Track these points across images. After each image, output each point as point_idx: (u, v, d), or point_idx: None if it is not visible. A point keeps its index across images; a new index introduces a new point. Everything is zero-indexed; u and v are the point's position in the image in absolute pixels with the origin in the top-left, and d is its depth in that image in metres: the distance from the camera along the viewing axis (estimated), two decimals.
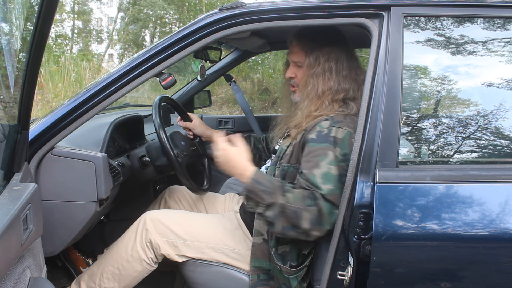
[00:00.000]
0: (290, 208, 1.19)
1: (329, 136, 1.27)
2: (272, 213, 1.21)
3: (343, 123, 1.30)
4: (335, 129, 1.28)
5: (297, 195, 1.22)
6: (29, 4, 1.03)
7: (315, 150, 1.27)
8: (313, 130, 1.31)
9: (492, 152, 1.21)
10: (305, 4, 1.24)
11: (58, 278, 1.73)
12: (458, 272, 1.12)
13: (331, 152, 1.25)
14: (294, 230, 1.21)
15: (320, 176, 1.22)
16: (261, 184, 1.23)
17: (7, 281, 0.85)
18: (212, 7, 11.49)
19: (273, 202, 1.20)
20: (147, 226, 1.43)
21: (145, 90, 6.99)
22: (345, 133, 1.27)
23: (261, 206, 1.22)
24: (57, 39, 12.08)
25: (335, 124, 1.29)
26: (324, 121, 1.31)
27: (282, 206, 1.19)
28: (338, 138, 1.27)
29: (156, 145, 1.68)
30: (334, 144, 1.26)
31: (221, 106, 8.30)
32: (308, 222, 1.19)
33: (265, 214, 1.22)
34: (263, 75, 9.17)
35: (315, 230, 1.20)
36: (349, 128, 1.28)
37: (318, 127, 1.31)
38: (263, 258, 1.36)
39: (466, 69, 1.26)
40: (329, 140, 1.26)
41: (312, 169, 1.24)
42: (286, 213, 1.19)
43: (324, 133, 1.28)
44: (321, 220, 1.19)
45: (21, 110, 0.98)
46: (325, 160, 1.24)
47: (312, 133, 1.31)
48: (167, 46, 1.27)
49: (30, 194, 0.95)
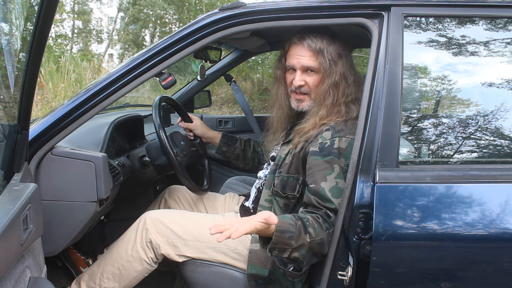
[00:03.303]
0: (315, 242, 1.18)
1: (333, 148, 1.26)
2: (299, 253, 1.17)
3: (344, 131, 1.29)
4: (338, 139, 1.27)
5: (316, 226, 1.19)
6: (29, 4, 1.03)
7: (320, 164, 1.26)
8: (315, 142, 1.30)
9: (492, 152, 1.21)
10: (305, 4, 1.24)
11: (58, 278, 1.73)
12: (458, 272, 1.12)
13: (337, 165, 1.24)
14: (317, 257, 1.22)
15: (329, 190, 1.22)
16: (286, 232, 1.14)
17: (7, 281, 0.85)
18: (212, 7, 11.49)
19: (301, 244, 1.16)
20: (147, 226, 1.43)
21: (145, 90, 6.99)
22: (348, 142, 1.27)
23: (287, 252, 1.16)
24: (57, 39, 12.08)
25: (337, 134, 1.28)
26: (326, 132, 1.30)
27: (309, 244, 1.17)
28: (342, 148, 1.26)
29: (156, 145, 1.68)
30: (338, 156, 1.25)
31: (221, 106, 8.30)
32: (328, 243, 1.20)
33: (293, 256, 1.17)
34: (263, 75, 9.17)
35: None
36: (351, 136, 1.27)
37: (320, 138, 1.30)
38: (260, 265, 1.35)
39: (466, 69, 1.26)
40: (333, 153, 1.26)
41: (320, 183, 1.23)
42: (312, 248, 1.18)
43: (327, 145, 1.27)
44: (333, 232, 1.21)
45: (21, 110, 0.98)
46: (331, 174, 1.24)
47: (314, 145, 1.29)
48: (167, 46, 1.27)
49: (30, 194, 0.95)
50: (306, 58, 1.37)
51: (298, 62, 1.38)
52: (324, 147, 1.27)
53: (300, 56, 1.38)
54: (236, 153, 1.82)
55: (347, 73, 1.37)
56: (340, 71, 1.36)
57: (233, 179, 2.14)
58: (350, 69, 1.39)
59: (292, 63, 1.40)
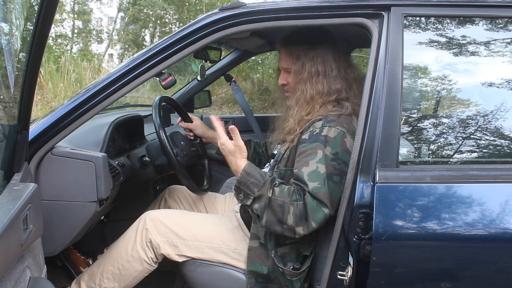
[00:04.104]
0: (276, 201, 1.21)
1: (320, 135, 1.28)
2: (258, 205, 1.23)
3: (335, 122, 1.30)
4: (327, 128, 1.29)
5: (284, 189, 1.24)
6: (29, 4, 1.03)
7: (306, 150, 1.28)
8: (307, 131, 1.33)
9: (492, 152, 1.21)
10: (305, 4, 1.24)
11: (58, 278, 1.73)
12: (458, 272, 1.12)
13: (321, 150, 1.25)
14: (279, 225, 1.23)
15: (307, 173, 1.23)
16: (251, 177, 1.25)
17: (7, 281, 0.85)
18: (212, 7, 11.49)
19: (261, 194, 1.22)
20: (147, 225, 1.43)
21: (145, 90, 7.00)
22: (337, 132, 1.28)
23: (249, 198, 1.24)
24: (57, 39, 12.09)
25: (328, 123, 1.30)
26: (318, 122, 1.33)
27: (269, 198, 1.22)
28: (330, 137, 1.27)
29: (156, 144, 1.68)
30: (324, 143, 1.26)
31: (221, 106, 8.30)
32: (293, 217, 1.20)
33: (253, 206, 1.25)
34: (263, 75, 9.18)
35: (299, 226, 1.21)
36: (341, 128, 1.29)
37: (311, 127, 1.32)
38: (259, 262, 1.36)
39: (466, 69, 1.25)
40: (320, 139, 1.27)
41: (301, 168, 1.25)
42: (272, 206, 1.21)
43: (316, 133, 1.29)
44: (306, 215, 1.20)
45: (21, 110, 0.98)
46: (314, 159, 1.25)
47: (305, 134, 1.32)
48: (167, 46, 1.27)
49: (30, 194, 0.95)
50: (282, 59, 1.44)
51: (279, 62, 1.47)
52: (312, 135, 1.30)
53: (280, 58, 1.46)
54: None
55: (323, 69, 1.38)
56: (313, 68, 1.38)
57: (233, 179, 2.14)
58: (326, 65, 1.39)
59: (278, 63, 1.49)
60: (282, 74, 1.46)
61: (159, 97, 1.66)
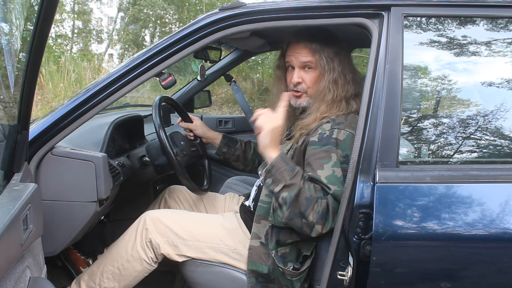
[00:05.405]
0: (304, 193, 1.19)
1: (331, 138, 1.27)
2: (288, 194, 1.19)
3: (344, 124, 1.30)
4: (337, 130, 1.28)
5: (311, 185, 1.22)
6: (29, 4, 1.03)
7: (318, 153, 1.26)
8: (315, 133, 1.31)
9: (492, 152, 1.21)
10: (305, 4, 1.23)
11: (58, 278, 1.73)
12: (458, 272, 1.12)
13: (334, 154, 1.25)
14: (300, 218, 1.20)
15: (325, 177, 1.22)
16: (286, 163, 1.23)
17: (7, 281, 0.85)
18: (212, 7, 11.49)
19: (293, 183, 1.20)
20: (147, 225, 1.43)
21: (145, 90, 7.00)
22: (346, 135, 1.28)
23: (279, 185, 1.21)
24: (57, 39, 12.08)
25: (337, 125, 1.30)
26: (326, 124, 1.32)
27: (299, 189, 1.19)
28: (340, 140, 1.27)
29: (156, 144, 1.68)
30: (336, 146, 1.26)
31: (221, 106, 8.31)
32: (316, 214, 1.19)
33: (281, 194, 1.21)
34: (263, 75, 9.18)
35: (319, 224, 1.19)
36: (350, 129, 1.29)
37: (320, 129, 1.31)
38: (259, 261, 1.36)
39: (466, 69, 1.25)
40: (331, 142, 1.27)
41: (317, 171, 1.24)
42: (300, 198, 1.19)
43: (326, 135, 1.28)
44: (327, 215, 1.20)
45: (21, 110, 0.98)
46: (329, 162, 1.24)
47: (314, 136, 1.31)
48: (167, 46, 1.27)
49: (30, 194, 0.95)
50: (303, 54, 1.39)
51: (296, 58, 1.41)
52: (323, 137, 1.28)
53: (297, 53, 1.40)
54: (236, 154, 1.82)
55: (346, 70, 1.40)
56: (338, 68, 1.38)
57: (233, 179, 2.14)
58: (348, 66, 1.41)
59: (290, 60, 1.43)
60: (298, 71, 1.41)
61: (159, 97, 1.66)
